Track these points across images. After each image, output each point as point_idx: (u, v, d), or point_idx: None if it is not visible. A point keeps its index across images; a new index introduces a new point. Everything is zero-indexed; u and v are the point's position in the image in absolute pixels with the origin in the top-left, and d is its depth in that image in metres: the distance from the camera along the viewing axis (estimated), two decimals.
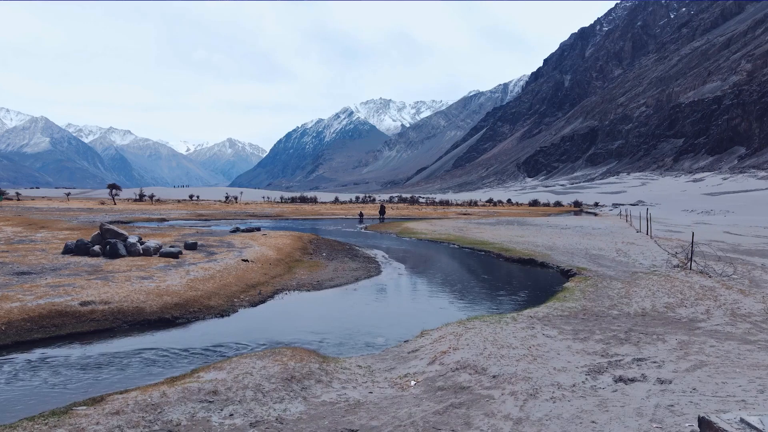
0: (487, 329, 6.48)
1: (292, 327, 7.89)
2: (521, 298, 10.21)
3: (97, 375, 5.51)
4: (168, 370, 5.66)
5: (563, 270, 14.04)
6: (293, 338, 7.20)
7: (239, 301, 9.38)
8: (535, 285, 12.29)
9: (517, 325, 6.82)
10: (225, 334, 7.36)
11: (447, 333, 6.36)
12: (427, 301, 10.20)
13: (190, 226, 29.91)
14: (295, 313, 8.90)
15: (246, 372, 4.97)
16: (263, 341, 7.00)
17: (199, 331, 7.53)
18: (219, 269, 11.44)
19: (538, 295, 10.46)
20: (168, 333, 7.37)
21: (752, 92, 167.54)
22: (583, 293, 9.14)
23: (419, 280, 12.99)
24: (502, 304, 9.73)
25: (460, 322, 7.07)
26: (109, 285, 8.83)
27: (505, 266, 15.84)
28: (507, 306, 9.44)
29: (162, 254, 12.95)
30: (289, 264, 14.44)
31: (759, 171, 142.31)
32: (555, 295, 9.50)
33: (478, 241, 22.07)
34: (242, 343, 6.87)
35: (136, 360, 6.09)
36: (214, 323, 8.00)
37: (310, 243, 20.30)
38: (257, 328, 7.74)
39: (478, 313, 8.78)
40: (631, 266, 13.97)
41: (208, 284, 9.86)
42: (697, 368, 5.33)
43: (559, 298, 8.87)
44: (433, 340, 6.14)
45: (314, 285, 11.43)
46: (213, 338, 7.08)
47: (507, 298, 10.29)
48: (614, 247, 18.98)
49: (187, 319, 8.00)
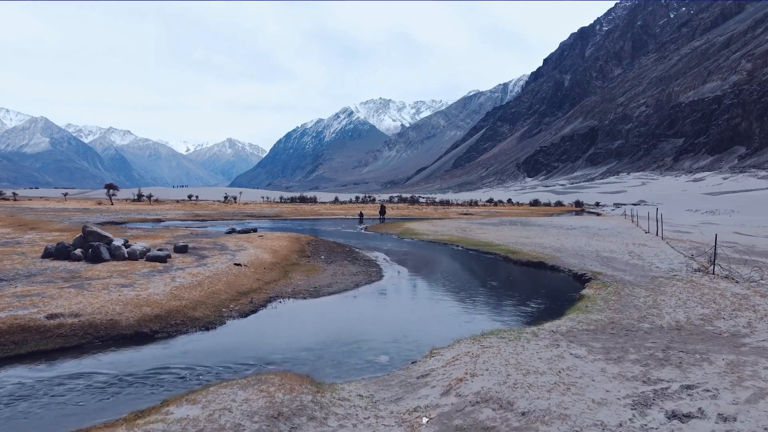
0: (506, 348, 5.65)
1: (285, 342, 7.06)
2: (536, 307, 9.38)
3: (45, 409, 4.66)
4: (135, 401, 4.82)
5: (576, 274, 13.21)
6: (285, 356, 6.37)
7: (228, 311, 8.54)
8: (548, 291, 11.46)
9: (539, 343, 5.98)
10: (208, 351, 6.52)
11: (461, 353, 5.52)
12: (433, 310, 9.37)
13: (185, 227, 29.06)
14: (289, 324, 8.07)
15: (224, 407, 4.14)
16: (251, 360, 6.17)
17: (179, 347, 6.69)
18: (208, 275, 10.60)
19: (554, 304, 9.63)
20: (144, 350, 6.53)
21: (752, 92, 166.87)
22: (606, 302, 8.30)
23: (423, 286, 12.15)
24: (517, 314, 8.90)
25: (474, 339, 6.23)
26: (84, 294, 7.99)
27: (513, 270, 15.01)
28: (522, 317, 8.61)
29: (149, 258, 12.11)
30: (285, 268, 13.61)
31: (759, 171, 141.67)
32: (574, 304, 8.67)
33: (482, 242, 21.24)
34: (226, 364, 6.03)
35: (100, 385, 5.25)
36: (198, 338, 7.16)
37: (308, 245, 19.46)
38: (245, 344, 6.91)
39: (490, 324, 7.95)
40: (648, 270, 13.14)
41: (195, 292, 9.03)
42: (759, 398, 4.51)
43: (581, 308, 8.04)
44: (446, 362, 5.30)
45: (311, 292, 10.59)
46: (194, 357, 6.25)
47: (521, 307, 9.46)
48: (626, 249, 18.15)
49: (167, 334, 7.16)
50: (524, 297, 10.65)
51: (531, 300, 10.15)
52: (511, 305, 9.73)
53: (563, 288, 11.79)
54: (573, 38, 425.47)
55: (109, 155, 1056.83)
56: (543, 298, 10.32)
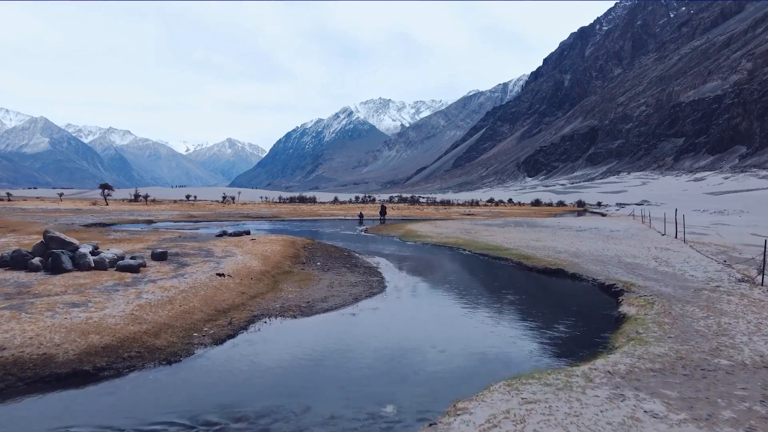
0: (558, 406, 4.16)
1: (264, 384, 5.57)
2: (570, 331, 7.88)
3: None
4: None
5: (603, 284, 11.73)
6: (262, 407, 4.88)
7: (200, 336, 7.05)
8: (578, 306, 9.97)
9: (598, 394, 4.50)
10: (158, 402, 5.00)
11: (497, 413, 4.03)
12: (445, 332, 7.88)
13: (176, 229, 27.57)
14: (272, 356, 6.56)
15: None
16: (214, 415, 4.67)
17: (122, 394, 5.17)
18: (184, 288, 9.11)
19: (590, 325, 8.14)
20: (75, 398, 5.03)
21: (753, 91, 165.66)
22: (660, 327, 6.80)
23: (432, 300, 10.65)
24: (550, 341, 7.40)
25: (510, 385, 4.74)
26: (19, 318, 6.50)
27: (530, 278, 13.52)
28: (558, 346, 7.10)
29: (119, 268, 10.61)
30: (276, 277, 12.12)
31: (760, 170, 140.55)
32: (619, 328, 7.19)
33: (491, 246, 19.76)
34: (180, 421, 4.54)
35: None
36: (153, 377, 5.65)
37: (304, 249, 17.97)
38: (211, 387, 5.40)
39: (522, 357, 6.46)
40: (683, 280, 11.67)
41: (163, 312, 7.53)
42: None
43: (632, 335, 6.54)
44: (478, 428, 3.82)
45: (303, 308, 9.10)
46: (135, 412, 4.73)
47: (552, 331, 7.97)
48: (648, 254, 16.68)
49: (116, 371, 5.66)
50: (551, 315, 9.16)
51: (561, 319, 8.66)
52: (538, 327, 8.24)
53: (593, 302, 10.30)
54: (573, 38, 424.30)
55: (108, 155, 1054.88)
56: (574, 317, 8.83)
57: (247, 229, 23.27)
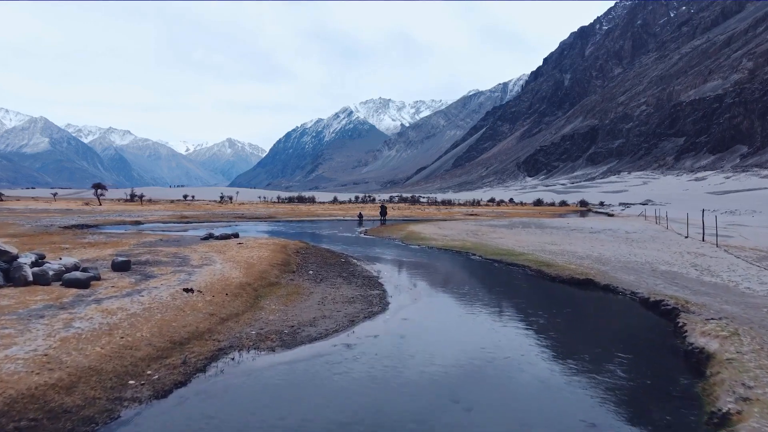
0: None
1: None
2: (639, 377, 5.93)
3: None
4: None
5: (647, 300, 9.85)
6: None
7: (136, 384, 5.15)
8: (627, 333, 8.08)
9: None
10: None
11: None
12: (467, 378, 5.98)
13: (161, 231, 25.71)
14: (231, 423, 4.65)
15: None
16: None
17: None
18: (135, 311, 7.22)
19: (660, 365, 6.20)
20: None
21: (754, 90, 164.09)
22: None
23: (445, 324, 8.74)
24: (611, 392, 5.50)
25: None
26: None
27: (556, 291, 11.62)
28: (624, 404, 5.22)
29: (65, 282, 8.71)
30: (258, 291, 10.22)
31: (762, 170, 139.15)
32: (711, 374, 5.31)
33: (503, 250, 17.87)
34: None
35: None
36: None
37: (296, 254, 16.08)
38: None
39: (581, 429, 4.60)
40: (739, 294, 9.80)
41: (93, 349, 5.63)
42: None
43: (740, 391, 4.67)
44: None
45: (284, 337, 7.20)
46: None
47: (607, 374, 6.05)
48: (683, 260, 14.79)
49: None
50: (597, 345, 7.27)
51: (612, 353, 6.76)
52: (587, 368, 6.34)
53: (644, 327, 8.41)
54: (573, 37, 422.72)
55: (108, 155, 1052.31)
56: (629, 349, 6.92)
57: (236, 231, 21.40)
